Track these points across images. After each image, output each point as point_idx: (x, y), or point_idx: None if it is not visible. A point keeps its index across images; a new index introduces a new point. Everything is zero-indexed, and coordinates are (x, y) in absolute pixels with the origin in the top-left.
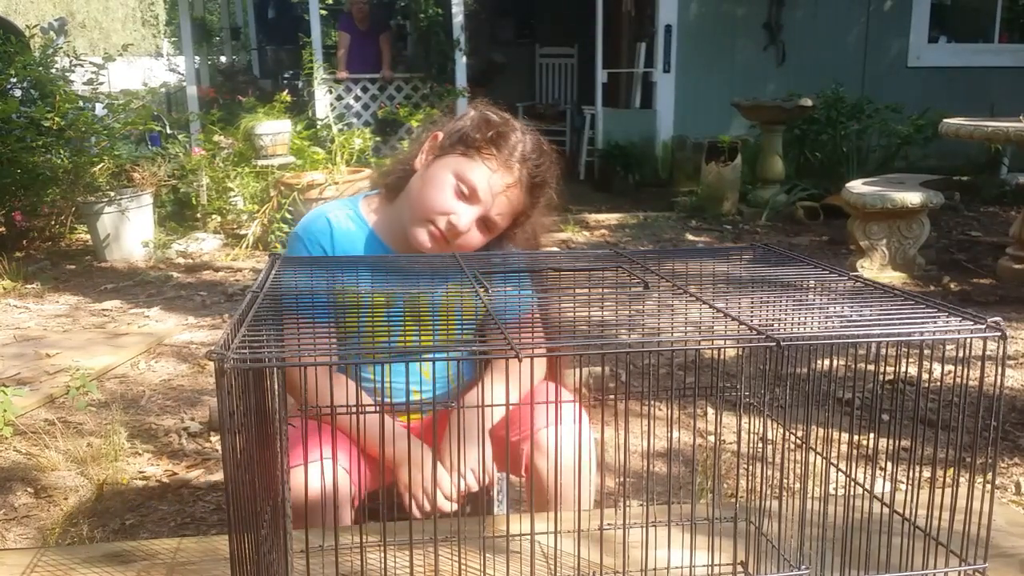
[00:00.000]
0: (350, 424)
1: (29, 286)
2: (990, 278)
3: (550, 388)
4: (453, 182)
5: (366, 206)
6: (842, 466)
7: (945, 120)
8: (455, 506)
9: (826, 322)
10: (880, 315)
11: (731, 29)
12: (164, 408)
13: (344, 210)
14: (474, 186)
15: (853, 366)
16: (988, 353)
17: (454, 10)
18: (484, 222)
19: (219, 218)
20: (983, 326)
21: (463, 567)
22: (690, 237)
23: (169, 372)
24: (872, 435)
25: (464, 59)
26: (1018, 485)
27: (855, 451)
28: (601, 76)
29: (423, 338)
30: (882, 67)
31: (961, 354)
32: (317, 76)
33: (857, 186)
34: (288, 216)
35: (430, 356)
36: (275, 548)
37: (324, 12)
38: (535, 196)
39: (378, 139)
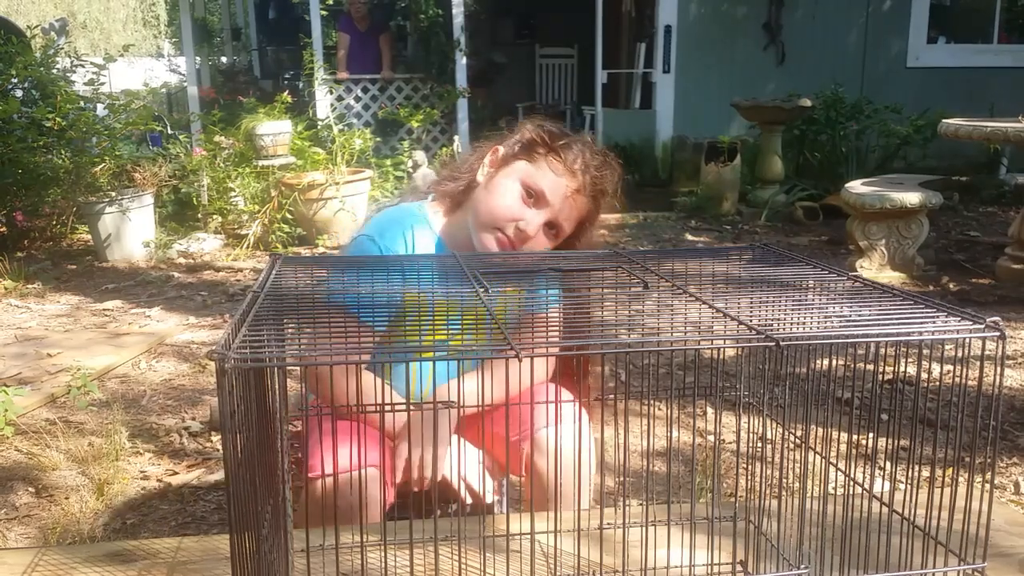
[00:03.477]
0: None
1: (30, 286)
2: (989, 278)
3: (550, 388)
4: (519, 189)
5: (433, 214)
6: (841, 466)
7: (944, 120)
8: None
9: (825, 322)
10: (879, 315)
11: (731, 29)
12: (165, 408)
13: (417, 219)
14: (541, 190)
15: (852, 366)
16: (987, 353)
17: (454, 10)
18: (550, 227)
19: (220, 218)
20: (982, 326)
21: (463, 567)
22: (690, 237)
23: (170, 372)
24: (871, 435)
25: (464, 59)
26: (1017, 485)
27: (854, 451)
28: (601, 76)
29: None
30: (881, 67)
31: (960, 354)
32: (318, 77)
33: (856, 186)
34: (289, 216)
35: (431, 356)
36: (275, 548)
37: (325, 13)
38: (598, 203)
39: (378, 139)
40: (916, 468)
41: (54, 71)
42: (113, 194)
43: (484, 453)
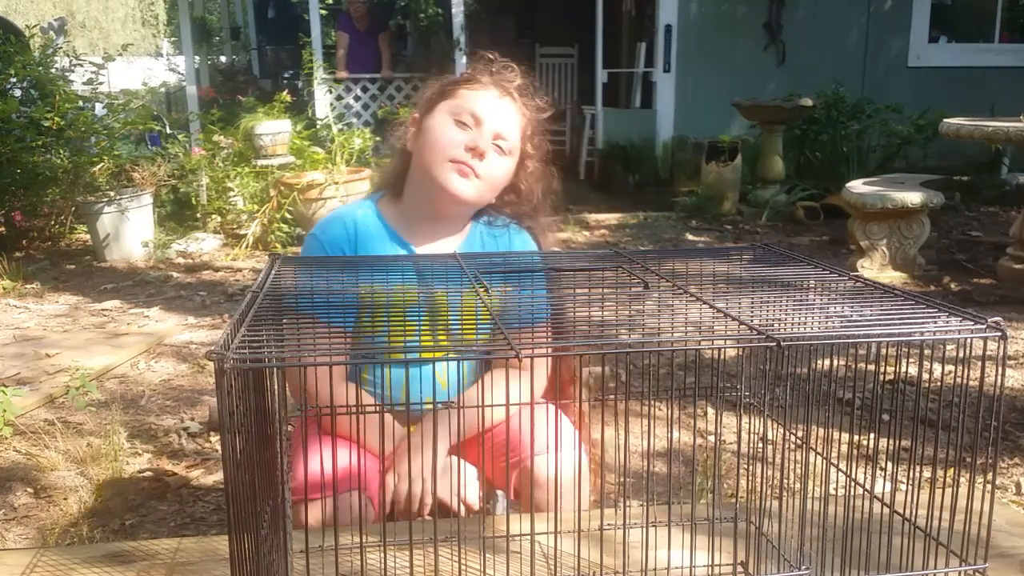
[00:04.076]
0: (355, 429)
1: (29, 286)
2: (990, 278)
3: (549, 411)
4: (451, 120)
5: (382, 204)
6: (842, 466)
7: (945, 120)
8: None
9: (826, 322)
10: (880, 315)
11: (731, 29)
12: (164, 408)
13: (362, 210)
14: (471, 110)
15: (853, 366)
16: (988, 353)
17: (454, 10)
18: (499, 145)
19: (219, 218)
20: (983, 326)
21: (463, 567)
22: (690, 237)
23: (169, 372)
24: (872, 435)
25: (464, 59)
26: (1018, 485)
27: (855, 451)
28: (601, 76)
29: (437, 340)
30: (882, 67)
31: (961, 354)
32: (317, 76)
33: (857, 186)
34: (288, 216)
35: (430, 357)
36: (275, 548)
37: (324, 12)
38: (528, 106)
39: (378, 139)
40: (917, 469)
41: (53, 70)
42: (112, 194)
43: (480, 472)
